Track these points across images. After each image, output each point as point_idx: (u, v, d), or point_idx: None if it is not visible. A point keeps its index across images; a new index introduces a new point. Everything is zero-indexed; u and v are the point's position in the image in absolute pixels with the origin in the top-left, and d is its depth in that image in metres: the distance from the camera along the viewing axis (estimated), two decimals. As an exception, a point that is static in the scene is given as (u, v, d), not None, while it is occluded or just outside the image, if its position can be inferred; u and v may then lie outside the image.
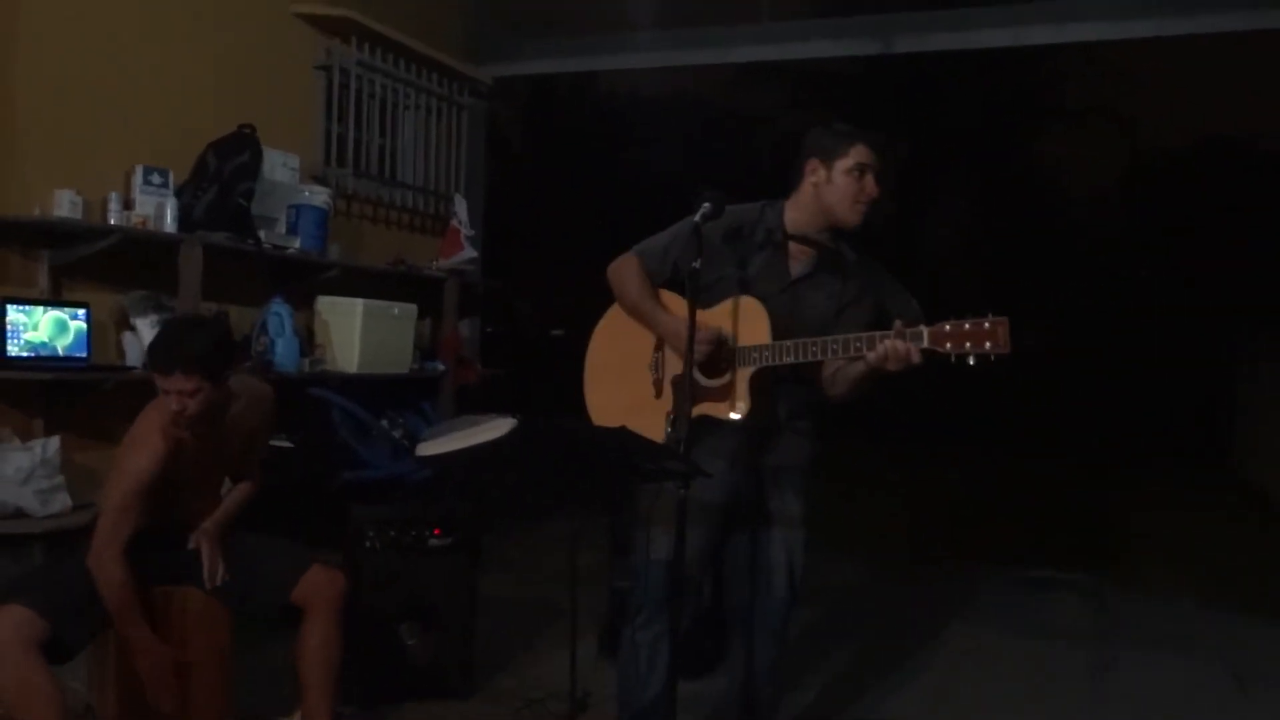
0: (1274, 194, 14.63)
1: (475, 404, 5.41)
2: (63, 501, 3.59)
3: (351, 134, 5.31)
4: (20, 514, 3.49)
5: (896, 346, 2.35)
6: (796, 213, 2.70)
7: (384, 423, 4.84)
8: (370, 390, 4.87)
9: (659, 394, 2.70)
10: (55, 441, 3.63)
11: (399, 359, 5.01)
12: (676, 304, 2.71)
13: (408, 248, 5.65)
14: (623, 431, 2.19)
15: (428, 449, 2.24)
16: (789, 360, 2.50)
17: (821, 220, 2.67)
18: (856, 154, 2.62)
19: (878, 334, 2.39)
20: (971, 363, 2.27)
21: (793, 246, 2.70)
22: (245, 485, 3.04)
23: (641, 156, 16.31)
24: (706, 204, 2.42)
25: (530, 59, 6.50)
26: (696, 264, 2.36)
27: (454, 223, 5.65)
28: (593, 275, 3.05)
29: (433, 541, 3.48)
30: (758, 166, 14.10)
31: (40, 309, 3.66)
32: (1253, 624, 4.90)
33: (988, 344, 2.23)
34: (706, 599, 3.16)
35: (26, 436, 3.68)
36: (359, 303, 4.74)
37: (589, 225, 14.27)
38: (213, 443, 2.81)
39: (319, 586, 2.84)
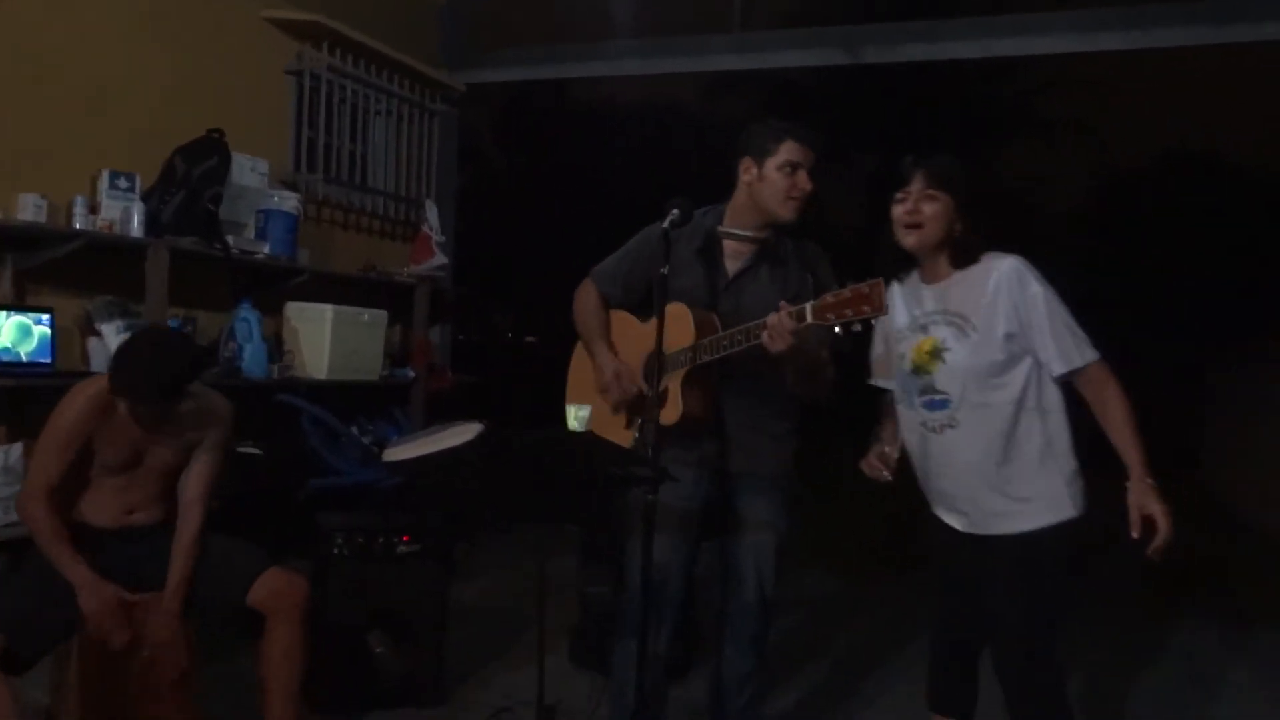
0: (1241, 207, 14.85)
1: (446, 411, 5.38)
2: (25, 509, 3.54)
3: (322, 139, 5.28)
4: (-19, 522, 3.44)
5: (772, 322, 2.35)
6: (735, 213, 2.75)
7: (354, 429, 4.81)
8: (340, 397, 4.84)
9: (616, 410, 2.75)
10: (18, 448, 3.57)
11: (369, 366, 4.98)
12: (629, 326, 2.77)
13: (378, 254, 5.63)
14: (588, 436, 2.19)
15: (394, 454, 2.23)
16: (707, 358, 2.52)
17: (758, 218, 2.70)
18: (787, 150, 2.65)
19: (771, 316, 2.39)
20: (858, 329, 2.27)
21: (728, 245, 2.73)
22: (190, 532, 2.83)
23: (614, 163, 16.32)
24: (675, 210, 2.44)
25: (503, 66, 6.50)
26: (664, 270, 2.37)
27: (425, 229, 5.64)
28: (565, 282, 3.07)
29: (401, 549, 3.47)
30: (729, 174, 14.14)
31: (3, 314, 3.60)
32: (1220, 633, 4.96)
33: (866, 308, 2.22)
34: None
35: (-11, 443, 3.63)
36: (328, 309, 4.71)
37: (561, 232, 14.27)
38: (152, 430, 2.74)
39: (280, 591, 2.82)
